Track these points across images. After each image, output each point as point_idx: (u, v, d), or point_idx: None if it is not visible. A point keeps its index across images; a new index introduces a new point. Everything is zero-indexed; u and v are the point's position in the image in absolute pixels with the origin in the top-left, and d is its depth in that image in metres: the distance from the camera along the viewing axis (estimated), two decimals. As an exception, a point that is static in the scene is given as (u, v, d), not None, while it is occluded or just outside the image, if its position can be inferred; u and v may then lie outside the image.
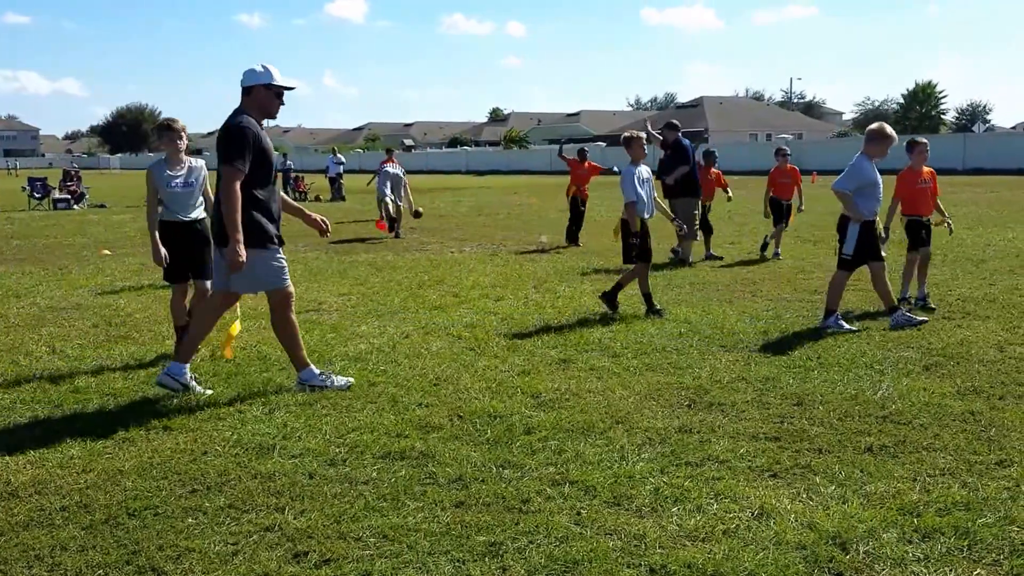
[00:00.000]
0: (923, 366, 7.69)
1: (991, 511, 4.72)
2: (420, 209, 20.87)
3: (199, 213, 8.24)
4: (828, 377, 7.35)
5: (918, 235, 10.51)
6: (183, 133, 8.17)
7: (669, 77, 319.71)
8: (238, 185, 6.77)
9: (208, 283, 8.00)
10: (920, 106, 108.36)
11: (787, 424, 6.20)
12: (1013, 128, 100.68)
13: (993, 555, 4.28)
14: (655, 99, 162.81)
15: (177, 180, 8.09)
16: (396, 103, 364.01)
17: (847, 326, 9.15)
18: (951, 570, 4.13)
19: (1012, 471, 5.29)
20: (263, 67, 7.03)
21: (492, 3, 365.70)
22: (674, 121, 15.59)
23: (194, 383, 7.15)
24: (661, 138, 15.32)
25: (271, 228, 7.02)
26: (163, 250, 8.11)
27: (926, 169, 10.66)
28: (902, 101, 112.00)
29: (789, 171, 15.59)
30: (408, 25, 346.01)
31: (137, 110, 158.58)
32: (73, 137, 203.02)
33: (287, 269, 7.19)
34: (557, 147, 23.31)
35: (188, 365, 7.18)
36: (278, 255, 7.08)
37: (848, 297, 11.12)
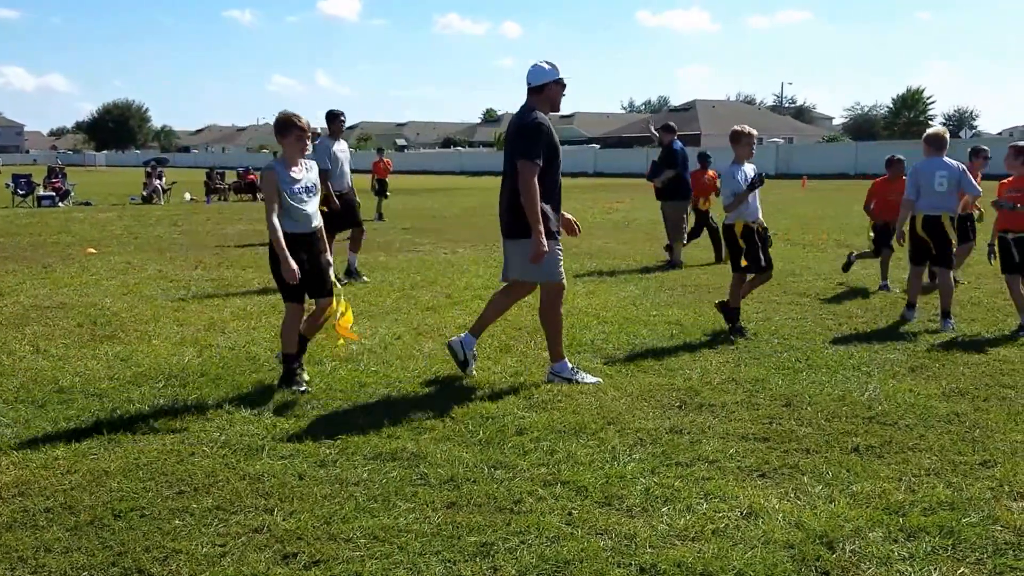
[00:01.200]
0: (909, 368, 7.72)
1: (975, 511, 4.77)
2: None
3: (318, 221, 7.35)
4: (816, 378, 7.37)
5: (1007, 253, 9.32)
6: (310, 132, 7.30)
7: (663, 80, 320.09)
8: (536, 178, 7.05)
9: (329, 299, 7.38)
10: (908, 111, 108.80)
11: (776, 425, 6.23)
12: (998, 134, 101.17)
13: (977, 554, 4.31)
14: (648, 102, 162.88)
15: (299, 184, 7.13)
16: (389, 103, 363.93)
17: None
18: (936, 569, 4.16)
19: (995, 471, 5.34)
20: (550, 64, 7.34)
21: (488, 3, 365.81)
22: (670, 123, 15.48)
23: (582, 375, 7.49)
24: (658, 138, 15.36)
25: (554, 221, 7.32)
26: (294, 263, 6.98)
27: None
28: (891, 106, 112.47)
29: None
30: (402, 24, 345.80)
31: (124, 106, 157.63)
32: (58, 133, 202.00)
33: (562, 263, 7.46)
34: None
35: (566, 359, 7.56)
36: (558, 248, 7.37)
37: (834, 301, 11.15)
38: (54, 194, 33.23)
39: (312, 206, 7.24)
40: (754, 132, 9.34)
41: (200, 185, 38.54)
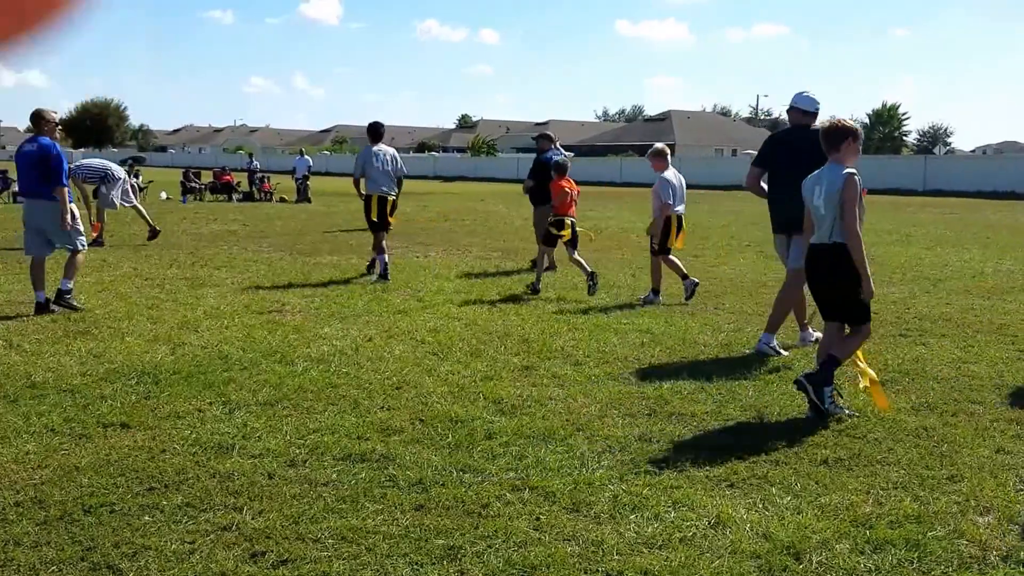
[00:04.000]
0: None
1: (941, 524, 4.81)
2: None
3: None
4: (787, 390, 7.40)
5: None
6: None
7: (639, 89, 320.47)
8: None
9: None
10: (883, 127, 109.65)
11: (745, 435, 6.27)
12: (972, 151, 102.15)
13: (942, 567, 4.35)
14: (623, 111, 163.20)
15: None
16: (365, 106, 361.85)
17: None
18: (901, 582, 4.21)
19: (962, 486, 5.38)
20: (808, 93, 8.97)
21: (467, 10, 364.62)
22: (548, 133, 16.35)
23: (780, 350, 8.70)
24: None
25: None
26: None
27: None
28: (866, 121, 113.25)
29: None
30: (382, 29, 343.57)
31: (102, 105, 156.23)
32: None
33: None
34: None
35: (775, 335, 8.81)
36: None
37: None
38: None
39: None
40: None
41: (176, 185, 38.37)
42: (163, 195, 36.34)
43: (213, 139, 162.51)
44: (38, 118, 10.49)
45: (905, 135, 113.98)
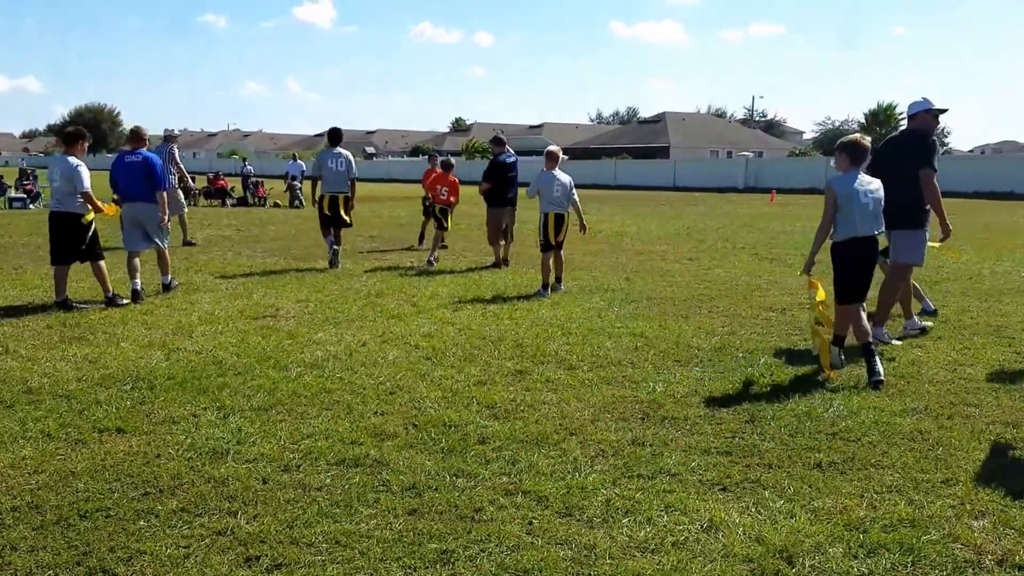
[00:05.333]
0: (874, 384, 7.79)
1: (936, 528, 4.83)
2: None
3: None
4: (780, 393, 7.43)
5: None
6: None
7: (634, 91, 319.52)
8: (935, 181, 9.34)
9: None
10: (880, 127, 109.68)
11: (738, 439, 6.29)
12: (970, 151, 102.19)
13: (936, 571, 4.38)
14: (617, 113, 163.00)
15: None
16: (359, 110, 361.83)
17: None
18: (895, 585, 4.23)
19: (957, 489, 5.40)
20: (923, 98, 9.49)
21: (461, 13, 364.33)
22: (499, 136, 17.18)
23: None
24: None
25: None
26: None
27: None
28: (863, 121, 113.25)
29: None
30: (376, 32, 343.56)
31: (96, 109, 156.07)
32: (30, 136, 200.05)
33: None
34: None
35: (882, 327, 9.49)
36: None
37: (800, 316, 11.23)
38: (25, 196, 32.93)
39: None
40: None
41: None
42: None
43: (207, 144, 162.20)
44: (137, 135, 12.92)
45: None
